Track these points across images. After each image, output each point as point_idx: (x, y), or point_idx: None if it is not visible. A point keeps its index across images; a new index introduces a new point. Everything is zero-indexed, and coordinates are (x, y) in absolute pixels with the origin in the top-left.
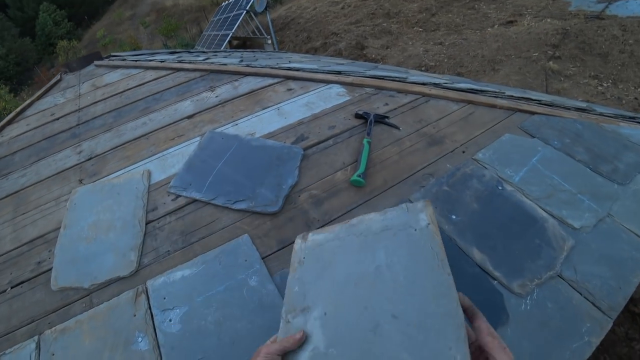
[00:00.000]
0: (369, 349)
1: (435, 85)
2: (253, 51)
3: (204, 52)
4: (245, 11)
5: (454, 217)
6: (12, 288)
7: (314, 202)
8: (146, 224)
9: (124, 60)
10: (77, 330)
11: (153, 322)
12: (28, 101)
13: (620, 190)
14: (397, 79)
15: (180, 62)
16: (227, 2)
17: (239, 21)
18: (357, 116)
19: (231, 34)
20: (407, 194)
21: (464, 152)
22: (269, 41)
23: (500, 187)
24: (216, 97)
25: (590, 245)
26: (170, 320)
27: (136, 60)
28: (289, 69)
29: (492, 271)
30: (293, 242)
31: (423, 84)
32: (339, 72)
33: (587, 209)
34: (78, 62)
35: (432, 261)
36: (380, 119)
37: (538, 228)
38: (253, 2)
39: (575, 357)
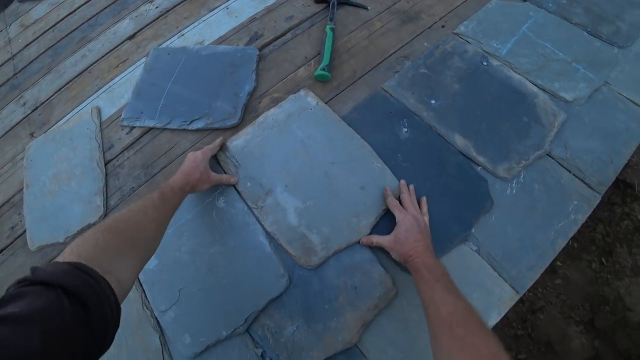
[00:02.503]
0: (330, 187)
1: None
2: None
3: None
4: None
5: (433, 102)
6: None
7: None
8: (105, 164)
9: None
10: None
11: None
12: None
13: (621, 54)
14: None
15: None
16: None
17: None
18: (318, 1)
19: None
20: (380, 81)
21: (443, 26)
22: None
23: (485, 63)
24: (156, 7)
25: (583, 118)
26: None
27: None
28: None
29: (475, 157)
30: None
31: None
32: None
33: (582, 79)
34: None
35: (334, 122)
36: (345, 0)
37: (527, 105)
38: None
39: (560, 236)
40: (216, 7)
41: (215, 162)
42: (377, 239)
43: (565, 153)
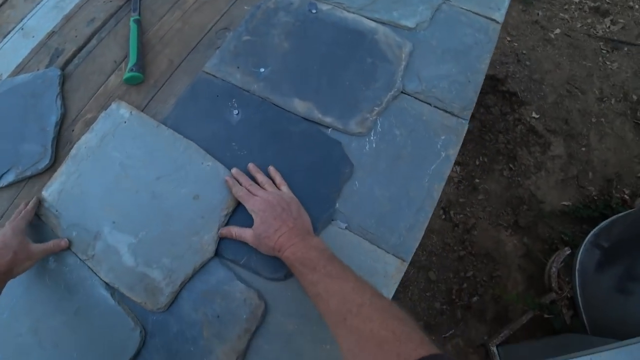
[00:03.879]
0: (160, 208)
1: None
2: None
3: None
4: None
5: (262, 70)
6: None
7: None
8: None
9: None
10: None
11: None
12: None
13: None
14: None
15: None
16: None
17: None
18: None
19: None
20: (201, 64)
21: None
22: None
23: (314, 11)
24: None
25: (430, 42)
26: None
27: None
28: None
29: (321, 119)
30: None
31: None
32: None
33: (419, 2)
34: None
35: (152, 128)
36: None
37: (368, 44)
38: None
39: (435, 180)
40: (10, 31)
41: (37, 218)
42: (237, 232)
43: (420, 85)
